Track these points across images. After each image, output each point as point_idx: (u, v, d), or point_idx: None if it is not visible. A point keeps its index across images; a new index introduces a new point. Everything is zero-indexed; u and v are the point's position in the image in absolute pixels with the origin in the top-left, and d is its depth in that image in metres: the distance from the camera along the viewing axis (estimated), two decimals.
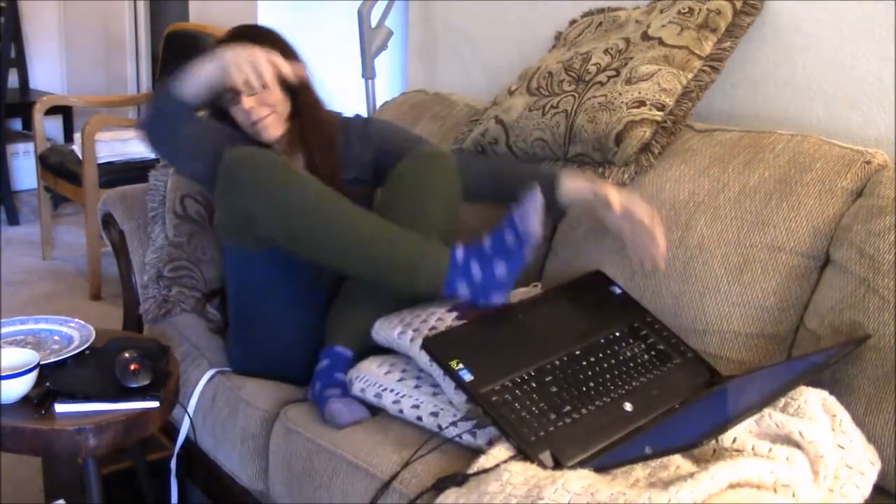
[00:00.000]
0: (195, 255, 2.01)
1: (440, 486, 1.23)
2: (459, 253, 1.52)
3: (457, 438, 1.37)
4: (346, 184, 1.78)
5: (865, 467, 1.24)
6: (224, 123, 1.81)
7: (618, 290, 1.65)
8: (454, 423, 1.37)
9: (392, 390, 1.48)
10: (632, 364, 1.47)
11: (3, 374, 1.45)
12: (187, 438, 1.77)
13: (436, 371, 1.43)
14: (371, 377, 1.51)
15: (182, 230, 2.00)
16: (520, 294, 1.69)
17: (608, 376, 1.42)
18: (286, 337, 1.70)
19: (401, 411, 1.46)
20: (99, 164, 3.30)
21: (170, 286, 1.98)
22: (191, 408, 1.74)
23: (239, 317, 1.76)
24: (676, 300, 1.60)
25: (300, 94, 1.78)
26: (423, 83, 2.68)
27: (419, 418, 1.43)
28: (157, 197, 2.06)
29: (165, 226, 2.03)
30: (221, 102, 1.77)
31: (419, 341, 1.46)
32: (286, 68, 1.57)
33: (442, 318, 1.54)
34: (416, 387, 1.47)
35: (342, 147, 1.84)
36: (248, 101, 1.73)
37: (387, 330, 1.55)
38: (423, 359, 1.45)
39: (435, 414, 1.41)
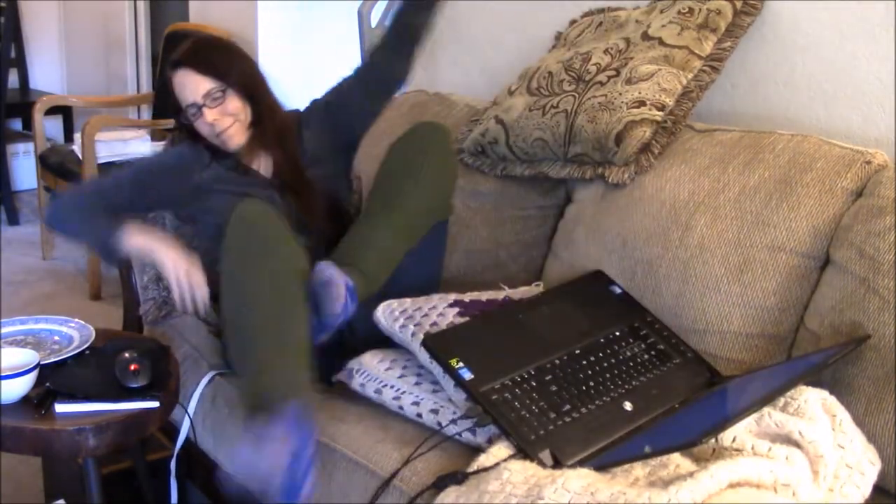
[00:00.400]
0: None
1: (440, 484, 1.23)
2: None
3: (457, 436, 1.37)
4: (314, 177, 1.84)
5: (865, 467, 1.24)
6: (189, 137, 1.85)
7: (618, 290, 1.65)
8: (454, 422, 1.37)
9: (392, 386, 1.48)
10: (632, 363, 1.47)
11: (3, 374, 1.45)
12: (187, 439, 1.77)
13: (436, 369, 1.43)
14: (372, 373, 1.51)
15: (181, 231, 2.00)
16: (521, 293, 1.70)
17: (608, 375, 1.43)
18: None
19: (401, 408, 1.46)
20: (99, 164, 3.30)
21: (168, 288, 1.98)
22: (191, 408, 1.74)
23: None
24: (677, 300, 1.60)
25: (259, 100, 1.82)
26: (423, 83, 2.68)
27: (419, 415, 1.43)
28: None
29: (165, 227, 2.03)
30: (185, 118, 1.81)
31: (420, 336, 1.46)
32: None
33: (443, 314, 1.54)
34: (417, 384, 1.47)
35: (302, 143, 1.88)
36: (210, 114, 1.77)
37: (389, 320, 1.55)
38: (424, 356, 1.45)
39: (435, 411, 1.41)
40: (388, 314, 1.56)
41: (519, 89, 1.98)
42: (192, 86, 1.77)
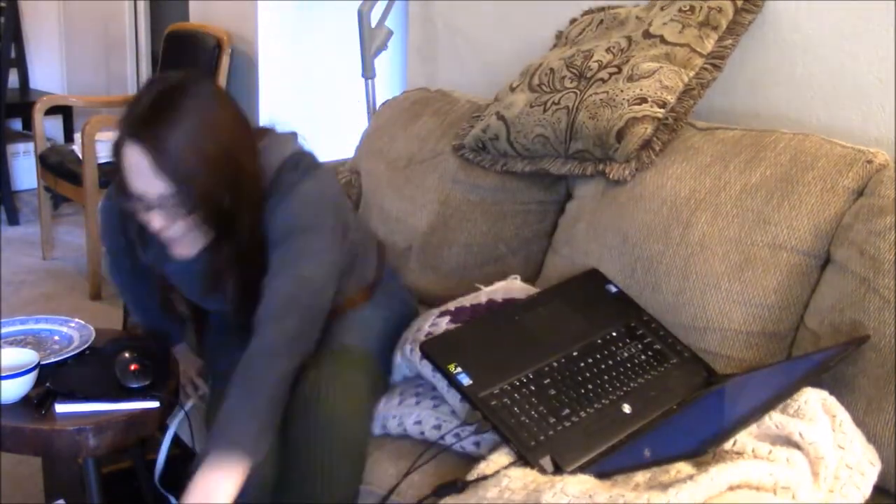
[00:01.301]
0: None
1: (440, 492, 1.23)
2: None
3: (454, 447, 1.37)
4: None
5: (865, 468, 1.24)
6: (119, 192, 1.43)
7: (613, 289, 1.64)
8: (457, 435, 1.36)
9: (394, 416, 1.47)
10: (629, 364, 1.46)
11: (3, 374, 1.45)
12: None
13: (439, 382, 1.42)
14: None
15: None
16: (500, 289, 1.68)
17: (606, 377, 1.42)
18: None
19: (404, 430, 1.45)
20: (99, 164, 3.30)
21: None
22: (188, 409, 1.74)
23: None
24: (677, 297, 1.59)
25: (230, 217, 1.37)
26: (423, 82, 2.68)
27: (422, 433, 1.43)
28: None
29: None
30: (127, 203, 1.39)
31: (418, 351, 1.45)
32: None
33: (436, 324, 1.53)
34: (417, 403, 1.47)
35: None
36: (158, 221, 1.35)
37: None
38: (426, 369, 1.45)
39: (437, 427, 1.41)
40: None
41: (520, 86, 1.98)
42: (144, 179, 1.31)
